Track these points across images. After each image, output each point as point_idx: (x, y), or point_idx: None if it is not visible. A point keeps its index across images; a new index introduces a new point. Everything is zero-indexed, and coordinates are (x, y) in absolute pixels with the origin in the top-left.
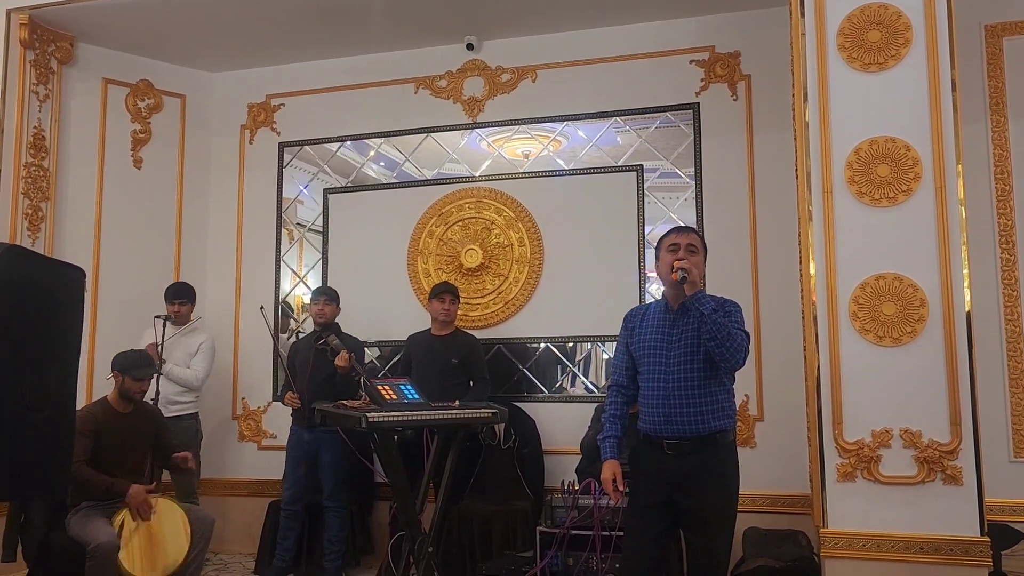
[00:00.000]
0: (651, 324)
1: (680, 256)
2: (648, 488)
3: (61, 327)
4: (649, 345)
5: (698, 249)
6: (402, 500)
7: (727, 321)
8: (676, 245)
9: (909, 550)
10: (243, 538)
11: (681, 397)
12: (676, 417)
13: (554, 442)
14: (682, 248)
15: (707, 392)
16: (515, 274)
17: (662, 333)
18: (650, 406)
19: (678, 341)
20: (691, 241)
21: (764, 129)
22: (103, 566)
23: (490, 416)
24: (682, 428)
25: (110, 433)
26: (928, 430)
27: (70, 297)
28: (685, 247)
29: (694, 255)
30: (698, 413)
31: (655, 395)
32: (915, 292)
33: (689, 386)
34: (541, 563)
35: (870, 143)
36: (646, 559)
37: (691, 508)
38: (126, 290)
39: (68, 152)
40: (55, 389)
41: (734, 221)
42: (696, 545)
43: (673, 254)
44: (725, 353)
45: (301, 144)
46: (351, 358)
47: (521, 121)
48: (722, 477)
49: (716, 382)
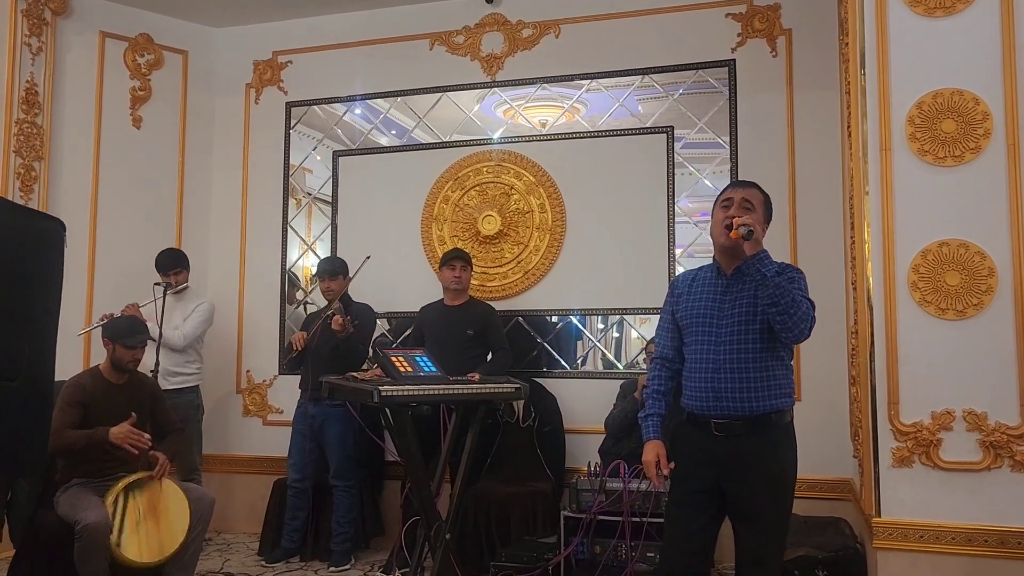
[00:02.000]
0: (701, 291)
1: (733, 213)
2: (692, 473)
3: (34, 285)
4: (698, 314)
5: (755, 206)
6: (418, 483)
7: (791, 286)
8: (729, 200)
9: (972, 543)
10: (248, 517)
11: (733, 372)
12: (727, 394)
13: (576, 421)
14: (735, 204)
15: (763, 367)
16: (535, 242)
17: (713, 300)
18: (697, 381)
19: (731, 309)
20: (746, 195)
21: (806, 88)
22: (92, 547)
23: (513, 392)
24: (733, 407)
25: (101, 405)
26: (995, 412)
27: (45, 251)
28: (739, 203)
29: (749, 212)
30: (752, 390)
31: (703, 369)
32: (982, 260)
33: (743, 359)
34: (566, 551)
35: (934, 96)
36: (688, 552)
37: (741, 496)
38: (125, 257)
39: (63, 109)
40: (28, 355)
41: (772, 187)
42: (746, 538)
43: (725, 209)
44: (788, 322)
45: (309, 104)
46: (346, 322)
47: (543, 79)
48: (777, 462)
49: (773, 356)
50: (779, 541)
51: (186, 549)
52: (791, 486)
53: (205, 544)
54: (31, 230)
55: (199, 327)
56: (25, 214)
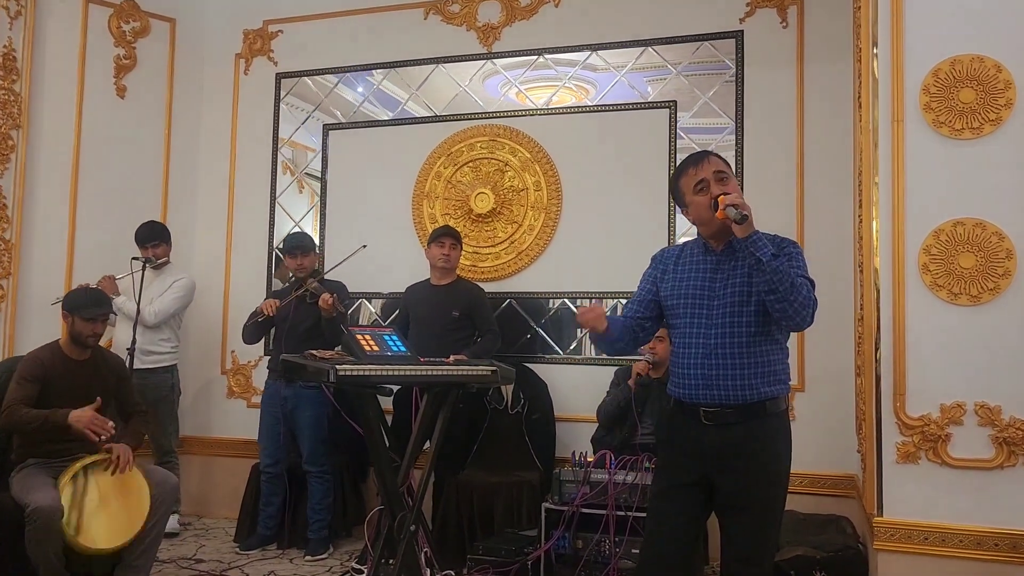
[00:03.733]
0: (688, 269)
1: (718, 190)
2: (679, 464)
3: None
4: (687, 294)
5: (727, 173)
6: (381, 470)
7: (790, 267)
8: (703, 181)
9: (981, 546)
10: (230, 502)
11: (725, 357)
12: (718, 381)
13: (567, 408)
14: (711, 181)
15: (757, 352)
16: (530, 221)
17: (702, 280)
18: (686, 367)
19: (723, 289)
20: (715, 167)
21: (817, 60)
22: (43, 531)
23: (488, 375)
24: (725, 394)
25: (60, 382)
26: (1010, 405)
27: None
28: (714, 177)
29: (728, 182)
30: (745, 376)
31: (693, 355)
32: (1000, 241)
33: (736, 343)
34: (546, 544)
35: (952, 63)
36: (671, 548)
37: (730, 489)
38: (106, 230)
39: (43, 76)
40: None
41: (779, 164)
42: (735, 534)
43: (704, 193)
44: (788, 309)
45: (300, 75)
46: (335, 300)
47: (542, 50)
48: (769, 452)
49: (768, 339)
50: (771, 537)
51: (146, 535)
52: (785, 479)
53: (183, 528)
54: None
55: (173, 304)
56: None
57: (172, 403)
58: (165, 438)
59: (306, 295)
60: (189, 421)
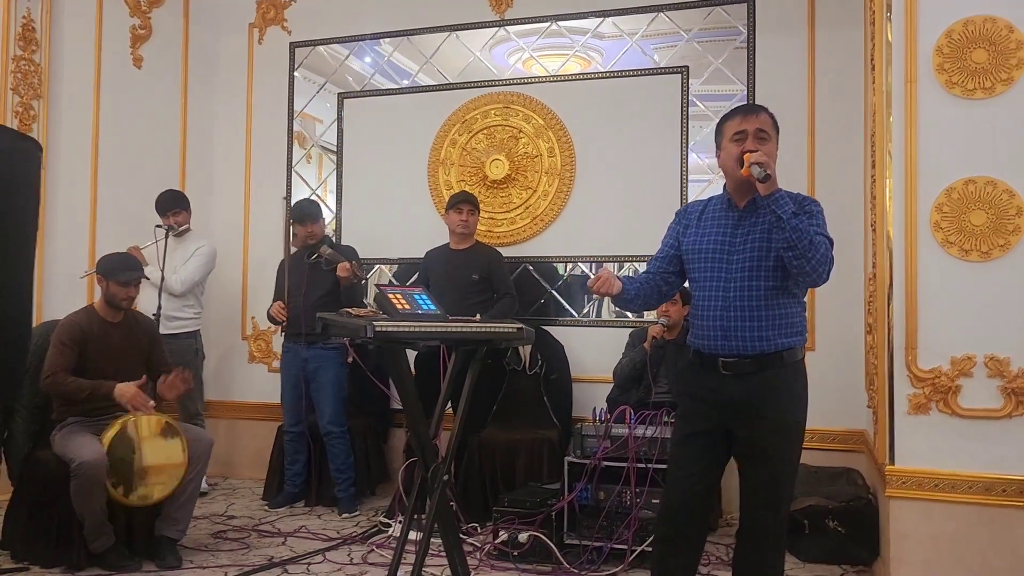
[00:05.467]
0: (710, 223)
1: (749, 147)
2: (698, 413)
3: (5, 207)
4: (707, 248)
5: (770, 135)
6: (414, 422)
7: (809, 226)
8: (742, 132)
9: (990, 492)
10: (254, 463)
11: (744, 310)
12: (736, 332)
13: (583, 370)
14: (750, 136)
15: (775, 305)
16: (544, 187)
17: (724, 235)
18: (705, 319)
19: (743, 244)
20: (760, 125)
21: (829, 26)
22: (88, 485)
23: (515, 332)
24: (743, 345)
25: (97, 344)
26: (1018, 357)
27: (17, 171)
28: (754, 134)
29: (765, 143)
30: (763, 328)
31: (712, 307)
32: (1011, 199)
33: (754, 297)
34: (569, 496)
35: (964, 24)
36: (691, 494)
37: (749, 436)
38: (127, 199)
39: (62, 47)
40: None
41: (790, 128)
42: (754, 479)
43: (739, 143)
44: (805, 266)
45: (314, 44)
46: (353, 266)
47: (554, 17)
48: (787, 400)
49: (786, 293)
50: (788, 484)
51: (184, 489)
52: (802, 426)
53: (210, 488)
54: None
55: (197, 272)
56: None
57: (197, 368)
58: (191, 402)
59: (321, 262)
60: (212, 386)
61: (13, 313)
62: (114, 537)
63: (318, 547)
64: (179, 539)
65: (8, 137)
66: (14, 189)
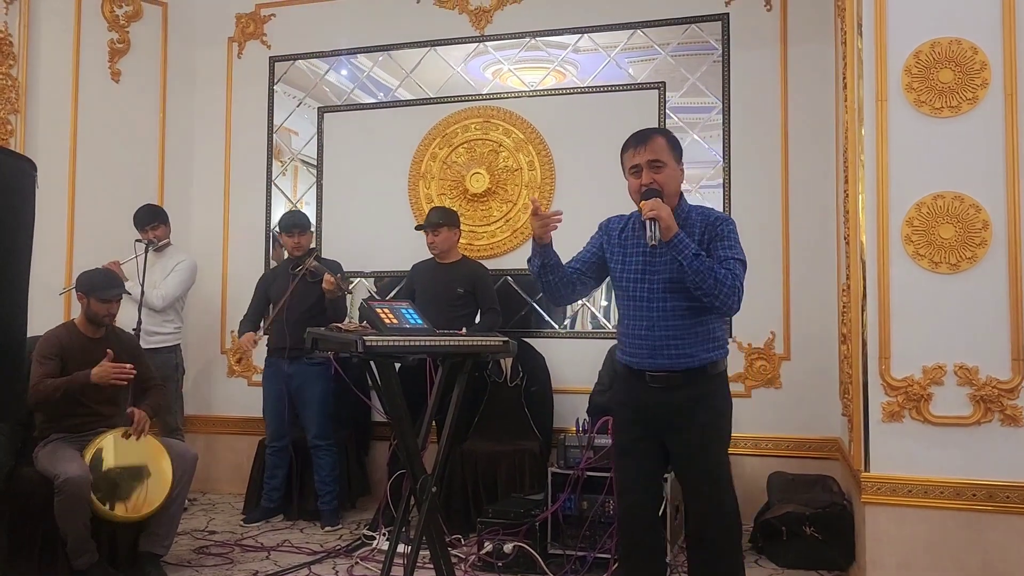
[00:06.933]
0: (631, 244)
1: (644, 181)
2: (632, 420)
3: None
4: (630, 270)
5: (664, 162)
6: (403, 436)
7: (713, 261)
8: (637, 167)
9: (961, 497)
10: (232, 478)
11: (667, 329)
12: (662, 351)
13: (564, 380)
14: (644, 169)
15: (696, 322)
16: (524, 200)
17: (642, 257)
18: (632, 337)
19: (661, 266)
20: (652, 156)
21: (801, 42)
22: (72, 501)
23: (501, 345)
24: (669, 363)
25: (78, 359)
26: (986, 366)
27: (12, 190)
28: (647, 166)
29: (662, 171)
30: (687, 346)
31: (637, 326)
32: (977, 213)
33: (676, 316)
34: (554, 507)
35: (931, 45)
36: (643, 497)
37: (680, 443)
38: (105, 214)
39: (39, 61)
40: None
41: (764, 142)
42: (691, 487)
43: (637, 176)
44: (715, 301)
45: (293, 59)
46: (337, 279)
47: (533, 33)
48: (711, 409)
49: (707, 310)
50: (725, 488)
51: (169, 504)
52: (727, 432)
53: (190, 504)
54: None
55: (178, 287)
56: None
57: (177, 382)
58: (171, 417)
59: (306, 275)
60: (191, 400)
61: (10, 332)
62: (97, 554)
63: (303, 561)
64: (163, 555)
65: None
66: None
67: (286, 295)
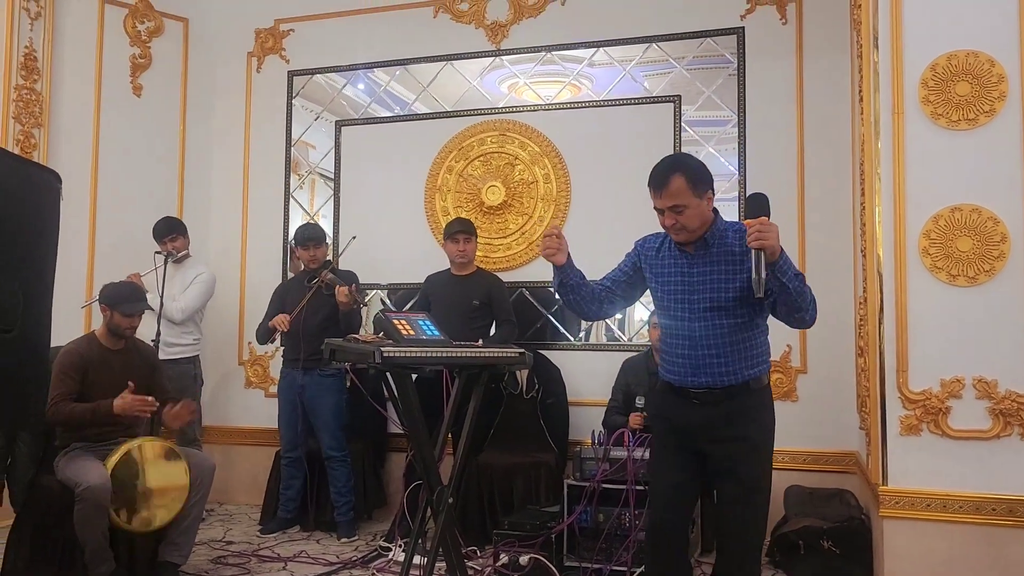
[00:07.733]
0: (668, 263)
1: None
2: (673, 435)
3: (28, 234)
4: (669, 289)
5: (684, 204)
6: (420, 447)
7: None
8: (660, 209)
9: (980, 511)
10: (249, 489)
11: (710, 348)
12: (705, 369)
13: (580, 393)
14: (666, 213)
15: (740, 339)
16: (540, 213)
17: (681, 276)
18: (675, 355)
19: (701, 285)
20: (671, 202)
21: (816, 56)
22: (93, 510)
23: (517, 357)
24: (712, 381)
25: (99, 371)
26: (1005, 379)
27: (39, 201)
28: (669, 211)
29: (683, 213)
30: (730, 363)
31: (680, 344)
32: (995, 226)
33: (718, 334)
34: (569, 519)
35: (948, 58)
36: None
37: (721, 456)
38: (125, 226)
39: (63, 76)
40: (24, 306)
41: (780, 156)
42: (727, 499)
43: (662, 215)
44: (804, 316)
45: (312, 73)
46: (352, 290)
47: (549, 47)
48: (754, 423)
49: (749, 326)
50: (760, 507)
51: (187, 514)
52: (770, 448)
53: (207, 514)
54: (25, 178)
55: (197, 299)
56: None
57: (195, 393)
58: (189, 428)
59: (322, 287)
60: (209, 411)
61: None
62: (115, 563)
63: (319, 571)
64: (182, 564)
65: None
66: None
67: (299, 306)
